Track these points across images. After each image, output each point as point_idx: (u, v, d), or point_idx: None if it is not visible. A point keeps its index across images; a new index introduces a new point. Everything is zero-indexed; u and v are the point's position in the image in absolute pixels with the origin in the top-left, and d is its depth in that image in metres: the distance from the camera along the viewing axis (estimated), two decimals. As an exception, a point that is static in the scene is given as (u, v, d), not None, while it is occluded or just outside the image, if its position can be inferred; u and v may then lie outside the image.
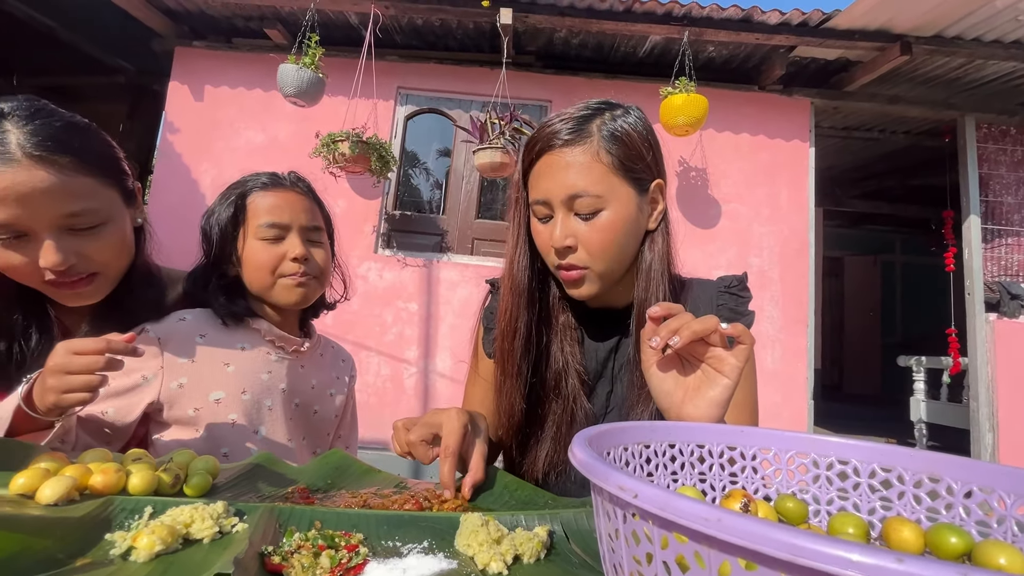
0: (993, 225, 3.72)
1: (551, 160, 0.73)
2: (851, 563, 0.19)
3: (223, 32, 3.75)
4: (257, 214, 0.90)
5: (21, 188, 0.66)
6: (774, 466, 0.51)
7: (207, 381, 0.85)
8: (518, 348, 0.79)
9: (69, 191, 0.70)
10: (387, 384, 3.38)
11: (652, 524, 0.27)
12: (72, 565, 0.39)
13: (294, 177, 0.97)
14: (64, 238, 0.71)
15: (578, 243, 0.72)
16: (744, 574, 0.23)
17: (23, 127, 0.68)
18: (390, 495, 0.60)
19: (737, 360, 0.57)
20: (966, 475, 0.42)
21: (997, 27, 2.99)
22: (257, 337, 0.92)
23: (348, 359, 1.12)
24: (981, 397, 3.50)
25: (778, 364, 3.43)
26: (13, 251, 0.69)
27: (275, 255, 0.89)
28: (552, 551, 0.49)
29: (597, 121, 0.73)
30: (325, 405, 1.01)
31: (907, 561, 0.18)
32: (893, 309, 7.75)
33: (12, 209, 0.66)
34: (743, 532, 0.21)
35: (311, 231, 0.92)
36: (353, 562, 0.43)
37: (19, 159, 0.66)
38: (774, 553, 0.20)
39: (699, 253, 3.49)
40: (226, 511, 0.48)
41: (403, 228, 3.65)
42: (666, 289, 0.76)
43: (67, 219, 0.70)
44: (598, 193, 0.71)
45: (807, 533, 0.20)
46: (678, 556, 0.25)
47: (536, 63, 3.71)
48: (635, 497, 0.26)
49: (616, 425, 0.47)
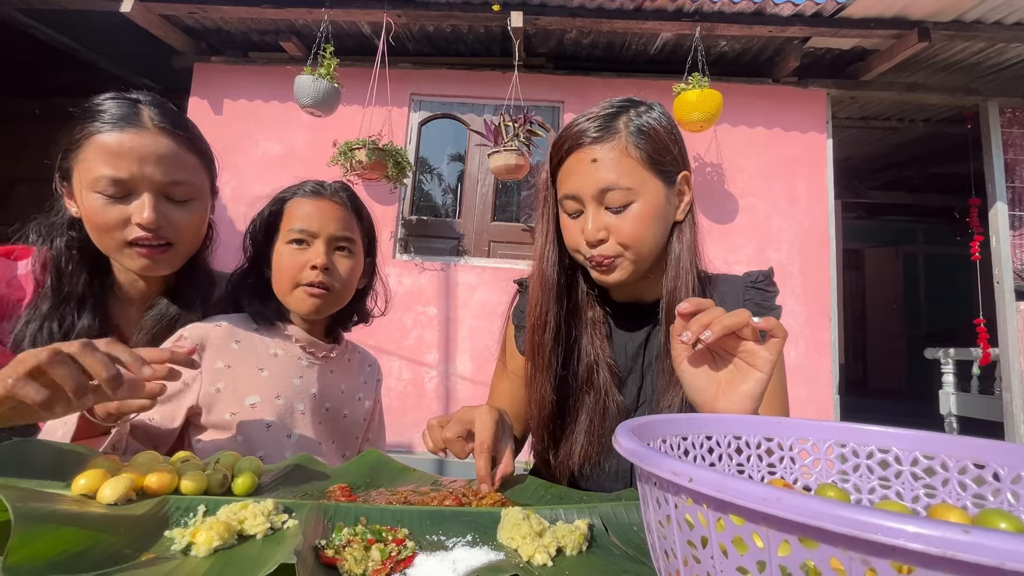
0: (1020, 212, 3.63)
1: (581, 157, 0.75)
2: (916, 536, 0.19)
3: (240, 47, 3.83)
4: (290, 219, 0.92)
5: (144, 149, 0.79)
6: (812, 456, 0.51)
7: (243, 386, 0.87)
8: (548, 341, 0.80)
9: (179, 161, 0.83)
10: (408, 388, 3.40)
11: (707, 508, 0.28)
12: (138, 560, 0.41)
13: (337, 187, 0.98)
14: (161, 202, 0.82)
15: (610, 235, 0.75)
16: (803, 552, 0.23)
17: (153, 107, 0.83)
18: (428, 492, 0.61)
19: (770, 354, 0.57)
20: (1013, 460, 0.42)
21: (1019, 8, 2.92)
22: (289, 342, 0.94)
23: (375, 364, 1.14)
24: (1014, 388, 3.41)
25: (802, 359, 3.39)
26: (113, 206, 0.79)
27: (299, 261, 0.90)
28: (593, 543, 0.50)
29: (623, 118, 0.75)
30: (354, 409, 1.02)
31: (973, 532, 0.19)
32: (917, 301, 7.59)
33: (132, 166, 0.78)
34: (805, 510, 0.22)
35: (341, 240, 0.93)
36: (403, 555, 0.44)
37: (149, 128, 0.81)
38: (837, 529, 0.21)
39: (718, 249, 3.46)
40: (276, 508, 0.50)
41: (420, 233, 3.68)
42: (695, 280, 0.77)
43: (170, 186, 0.82)
44: (628, 186, 0.73)
45: (869, 508, 0.20)
46: (735, 538, 0.26)
47: (547, 65, 3.72)
48: (690, 481, 0.27)
49: (654, 418, 0.48)
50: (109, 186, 0.78)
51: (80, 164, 0.79)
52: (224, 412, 0.86)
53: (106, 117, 0.79)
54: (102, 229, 0.80)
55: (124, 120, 0.79)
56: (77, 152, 0.79)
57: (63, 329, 0.82)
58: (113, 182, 0.78)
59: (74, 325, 0.83)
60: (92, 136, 0.78)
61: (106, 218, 0.79)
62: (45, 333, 0.81)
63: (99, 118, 0.79)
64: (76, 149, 0.79)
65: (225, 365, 0.87)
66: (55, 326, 0.82)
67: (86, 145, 0.78)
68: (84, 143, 0.79)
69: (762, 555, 0.25)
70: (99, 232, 0.81)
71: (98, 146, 0.78)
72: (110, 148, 0.78)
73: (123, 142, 0.78)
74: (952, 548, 0.18)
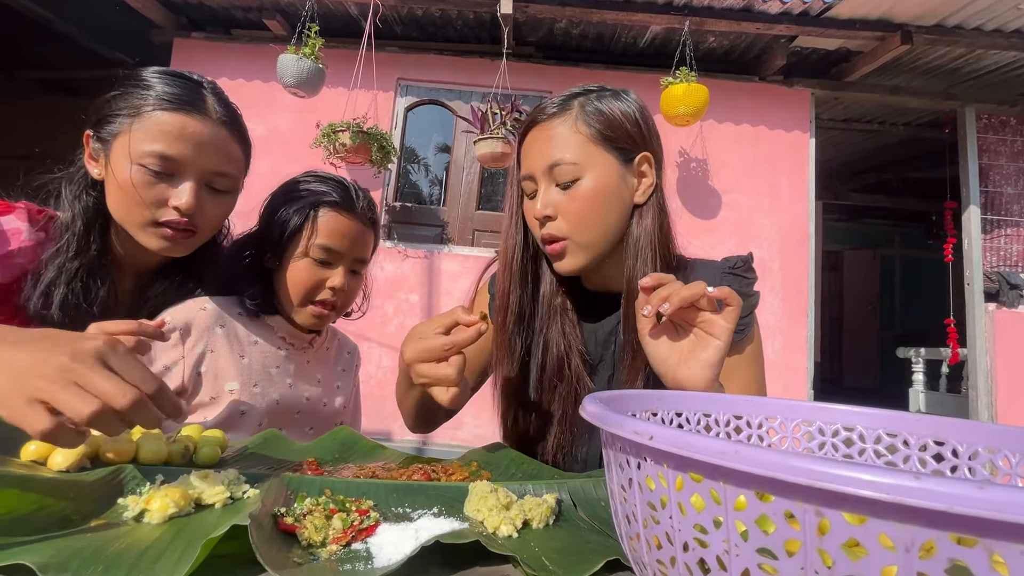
0: (993, 215, 3.73)
1: (535, 134, 0.77)
2: (868, 483, 0.19)
3: (222, 23, 3.73)
4: (318, 233, 0.88)
5: (203, 136, 0.79)
6: (780, 434, 0.52)
7: (223, 371, 0.87)
8: (510, 324, 0.80)
9: (229, 154, 0.83)
10: (389, 375, 3.38)
11: (667, 467, 0.27)
12: (86, 525, 0.39)
13: (365, 202, 0.94)
14: (201, 190, 0.81)
15: (557, 213, 0.74)
16: (759, 507, 0.23)
17: (215, 96, 0.83)
18: (397, 468, 0.60)
19: (727, 322, 0.58)
20: (971, 437, 0.43)
21: (998, 16, 2.98)
22: (270, 332, 0.94)
23: (354, 351, 1.13)
24: (980, 387, 3.52)
25: (778, 355, 3.44)
26: (155, 182, 0.78)
27: (318, 279, 0.89)
28: (560, 517, 0.50)
29: (582, 98, 0.76)
30: (331, 398, 1.03)
31: (923, 479, 0.18)
32: (892, 303, 7.76)
33: (186, 149, 0.78)
34: (760, 461, 0.22)
35: (358, 263, 0.93)
36: (365, 524, 0.43)
37: (212, 117, 0.81)
38: (791, 479, 0.21)
39: (701, 243, 3.47)
40: (237, 478, 0.49)
41: (404, 220, 3.64)
42: (657, 265, 0.76)
43: (215, 176, 0.82)
44: (575, 161, 0.73)
45: (824, 459, 0.20)
46: (693, 496, 0.26)
47: (536, 54, 3.70)
48: (651, 439, 0.26)
49: (625, 392, 0.48)
50: (158, 163, 0.77)
51: (131, 133, 0.77)
52: (205, 396, 0.86)
53: (170, 95, 0.78)
54: (136, 203, 0.78)
55: (190, 104, 0.78)
56: (131, 120, 0.77)
57: (88, 297, 0.81)
58: (164, 161, 0.77)
59: (98, 294, 0.82)
60: (153, 110, 0.77)
61: (144, 194, 0.77)
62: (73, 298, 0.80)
63: (164, 94, 0.78)
64: (130, 116, 0.77)
65: (208, 349, 0.86)
66: (79, 290, 0.80)
67: (145, 115, 0.77)
68: (143, 113, 0.77)
69: (719, 511, 0.24)
70: (131, 205, 0.78)
71: (158, 121, 0.77)
72: (171, 127, 0.77)
73: (185, 125, 0.78)
74: (902, 494, 0.18)
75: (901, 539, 0.19)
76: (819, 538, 0.21)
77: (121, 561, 0.34)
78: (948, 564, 0.19)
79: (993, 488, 0.18)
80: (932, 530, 0.19)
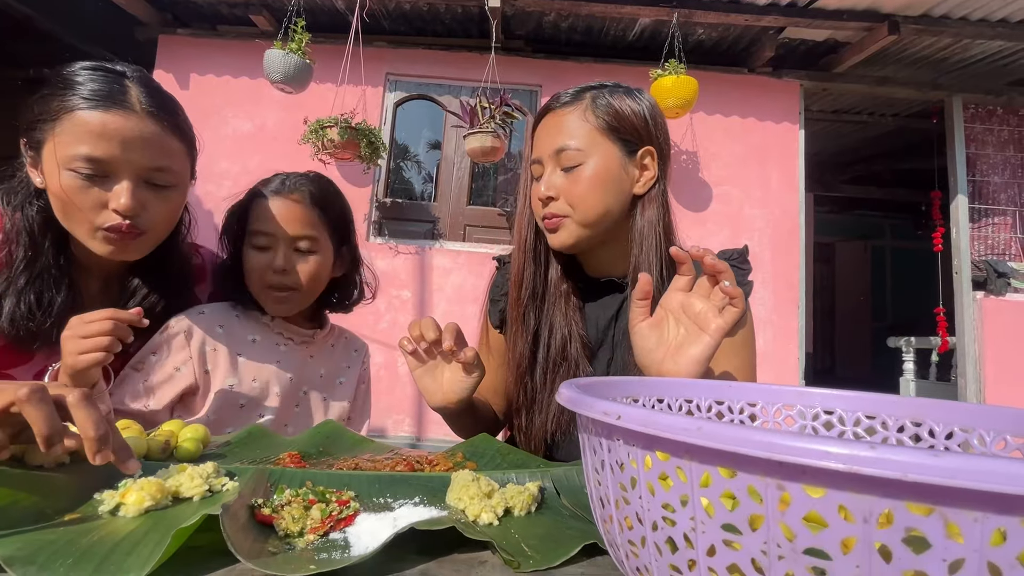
0: (980, 204, 3.75)
1: (548, 121, 0.82)
2: (824, 454, 0.19)
3: (207, 19, 3.68)
4: (253, 219, 0.92)
5: (129, 132, 0.74)
6: (761, 419, 0.52)
7: (223, 369, 0.90)
8: (525, 298, 0.85)
9: (163, 147, 0.78)
10: (381, 372, 3.37)
11: (636, 447, 0.27)
12: (60, 519, 0.39)
13: (298, 182, 0.94)
14: (140, 188, 0.76)
15: (559, 194, 0.79)
16: (724, 483, 0.23)
17: (141, 86, 0.77)
18: (381, 460, 0.60)
19: (723, 321, 0.58)
20: (947, 416, 0.43)
21: (984, 5, 3.00)
22: (267, 330, 0.96)
23: (361, 348, 1.12)
24: (969, 374, 3.56)
25: (769, 345, 3.46)
26: (89, 186, 0.73)
27: (261, 264, 0.91)
28: (543, 505, 0.50)
29: (595, 91, 0.81)
30: (334, 393, 1.03)
31: (879, 448, 0.18)
32: (883, 294, 7.82)
33: (113, 148, 0.73)
34: (721, 437, 0.22)
35: (301, 240, 0.91)
36: (343, 514, 0.43)
37: (136, 110, 0.75)
38: (751, 452, 0.21)
39: (692, 234, 3.48)
40: (216, 471, 0.48)
41: (394, 216, 3.63)
42: (660, 255, 0.79)
43: (152, 172, 0.77)
44: (579, 147, 0.78)
45: (784, 432, 0.20)
46: (660, 474, 0.26)
47: (526, 48, 3.68)
48: (619, 419, 0.26)
49: (605, 379, 0.48)
50: (86, 167, 0.72)
51: (55, 137, 0.72)
52: (212, 392, 0.89)
53: (89, 92, 0.73)
54: (73, 210, 0.74)
55: (110, 98, 0.73)
56: (53, 124, 0.73)
57: (42, 305, 0.77)
58: (92, 163, 0.72)
59: (53, 301, 0.78)
60: (72, 111, 0.72)
61: (79, 200, 0.73)
62: (24, 308, 0.76)
63: (81, 92, 0.72)
64: (52, 120, 0.73)
65: (211, 349, 0.89)
66: (33, 301, 0.77)
67: (64, 118, 0.72)
68: (62, 116, 0.72)
69: (685, 489, 0.24)
70: (69, 212, 0.75)
71: (78, 122, 0.72)
72: (92, 127, 0.72)
73: (107, 123, 0.72)
74: (858, 464, 0.18)
75: (859, 509, 0.19)
76: (781, 512, 0.21)
77: (93, 553, 0.34)
78: (905, 534, 0.19)
79: (947, 456, 0.18)
80: (889, 500, 0.19)
